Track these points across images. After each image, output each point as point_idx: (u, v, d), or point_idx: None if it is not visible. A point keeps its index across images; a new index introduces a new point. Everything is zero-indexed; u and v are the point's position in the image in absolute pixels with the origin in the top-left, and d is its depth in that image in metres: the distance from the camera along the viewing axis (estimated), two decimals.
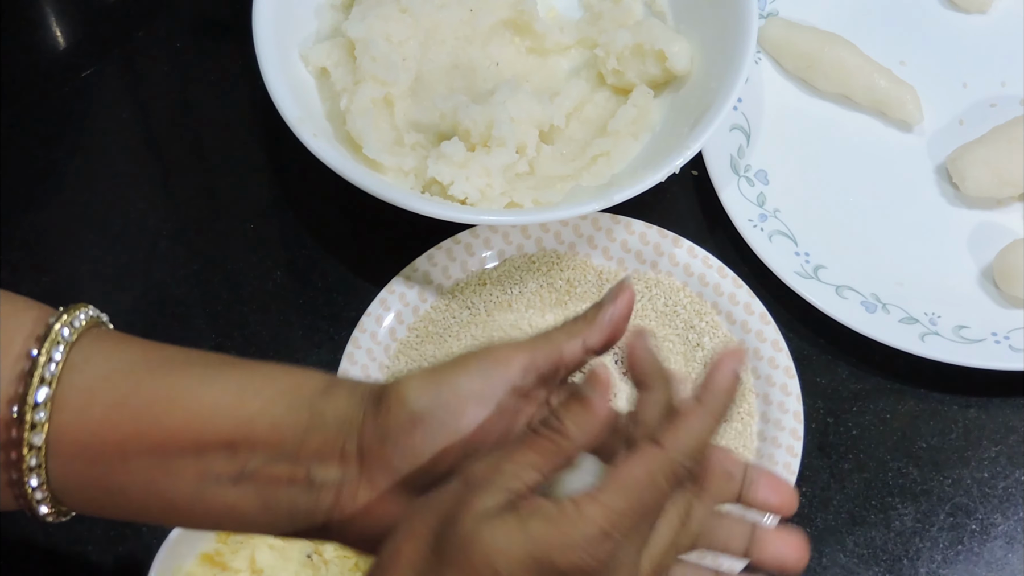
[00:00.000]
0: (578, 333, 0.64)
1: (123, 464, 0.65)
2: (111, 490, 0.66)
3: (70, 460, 0.65)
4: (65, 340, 0.65)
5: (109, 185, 1.05)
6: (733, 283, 0.98)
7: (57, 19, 1.12)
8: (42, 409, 0.64)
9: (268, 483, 0.64)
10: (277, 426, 0.63)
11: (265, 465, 0.64)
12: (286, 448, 0.63)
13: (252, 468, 0.64)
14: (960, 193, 1.03)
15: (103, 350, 0.66)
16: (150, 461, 0.65)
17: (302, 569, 0.87)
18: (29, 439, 0.64)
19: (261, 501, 0.65)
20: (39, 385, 0.64)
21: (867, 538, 0.93)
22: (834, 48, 1.06)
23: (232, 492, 0.64)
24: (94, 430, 0.64)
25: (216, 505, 0.65)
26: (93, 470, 0.65)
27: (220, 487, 0.64)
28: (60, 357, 0.65)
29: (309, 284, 1.01)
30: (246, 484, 0.64)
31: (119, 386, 0.65)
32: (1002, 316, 0.99)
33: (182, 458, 0.64)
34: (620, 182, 0.97)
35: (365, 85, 0.99)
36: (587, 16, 1.07)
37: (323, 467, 0.63)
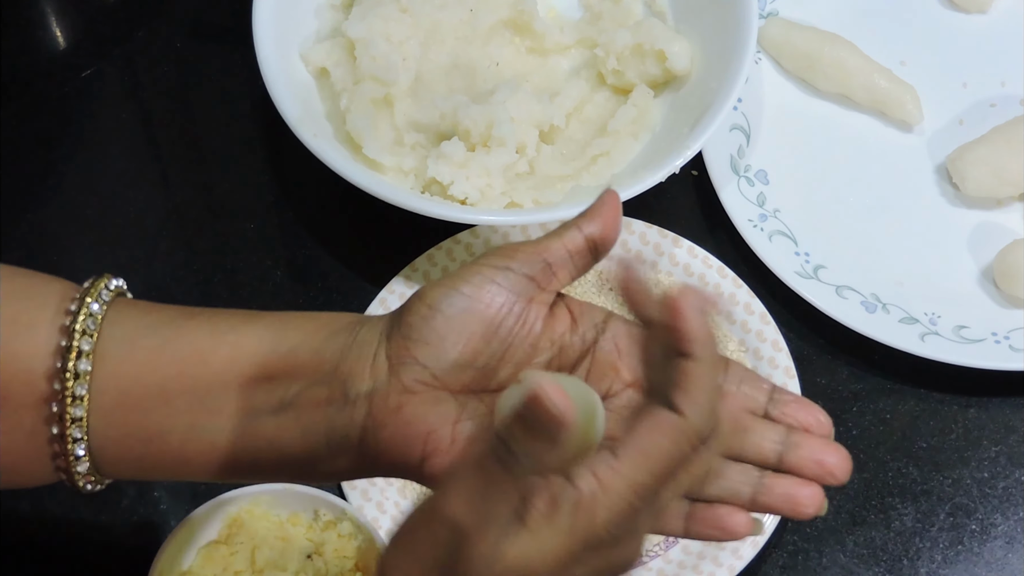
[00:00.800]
0: (574, 224, 0.66)
1: (165, 407, 0.66)
2: (150, 437, 0.66)
3: (110, 411, 0.66)
4: (102, 299, 0.67)
5: (109, 185, 1.05)
6: (733, 283, 0.98)
7: (57, 19, 1.12)
8: (85, 359, 0.65)
9: (306, 408, 0.65)
10: (317, 352, 0.65)
11: (303, 391, 0.65)
12: (324, 371, 0.65)
13: (291, 396, 0.65)
14: (960, 193, 1.03)
15: (138, 307, 0.68)
16: (191, 400, 0.66)
17: (302, 569, 0.87)
18: (73, 389, 0.65)
19: (300, 428, 0.65)
20: (82, 336, 0.65)
21: (867, 538, 0.93)
22: (834, 48, 1.06)
23: (271, 423, 0.66)
24: (136, 375, 0.66)
25: (256, 440, 0.66)
26: (133, 417, 0.66)
27: (260, 419, 0.66)
28: (99, 310, 0.66)
29: (309, 284, 1.01)
30: (286, 413, 0.65)
31: (161, 331, 0.67)
32: (1002, 316, 0.99)
33: (224, 395, 0.66)
34: (620, 182, 0.97)
35: (365, 85, 0.99)
36: (587, 16, 1.07)
37: (356, 381, 0.65)
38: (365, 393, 0.64)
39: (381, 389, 0.64)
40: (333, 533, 0.87)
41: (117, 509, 0.92)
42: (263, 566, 0.86)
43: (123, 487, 0.93)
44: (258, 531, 0.87)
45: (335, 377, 0.65)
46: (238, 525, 0.87)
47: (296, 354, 0.66)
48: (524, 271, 0.65)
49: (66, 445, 0.66)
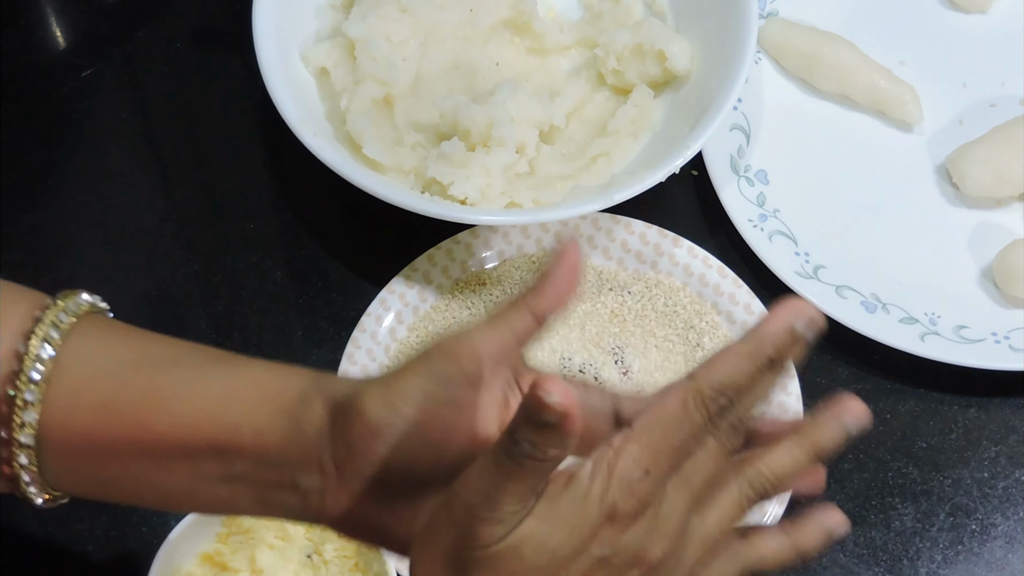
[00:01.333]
0: (526, 306, 0.62)
1: (116, 461, 0.65)
2: (106, 482, 0.67)
3: (62, 456, 0.66)
4: (53, 339, 0.65)
5: (109, 185, 1.05)
6: (733, 283, 0.98)
7: (57, 19, 1.12)
8: (31, 410, 0.64)
9: (257, 485, 0.64)
10: (260, 433, 0.63)
11: (252, 470, 0.64)
12: (270, 456, 0.63)
13: (240, 471, 0.64)
14: (960, 193, 1.03)
15: (90, 348, 0.66)
16: (141, 459, 0.65)
17: (302, 569, 0.87)
18: (18, 438, 0.65)
19: (254, 499, 0.65)
20: (27, 386, 0.64)
21: (867, 538, 0.93)
22: (834, 48, 1.06)
23: (224, 489, 0.65)
24: (83, 431, 0.65)
25: (211, 499, 0.66)
26: (85, 464, 0.66)
27: (213, 484, 0.65)
28: (48, 355, 0.65)
29: (309, 284, 1.01)
30: (237, 484, 0.64)
31: (105, 388, 0.65)
32: (1002, 316, 0.99)
33: (172, 458, 0.65)
34: (620, 182, 0.97)
35: (365, 85, 0.99)
36: (587, 16, 1.07)
37: (305, 475, 0.63)
38: (316, 490, 0.63)
39: (331, 490, 0.63)
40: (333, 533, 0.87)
41: (117, 509, 0.92)
42: (263, 566, 0.86)
43: None
44: (258, 531, 0.87)
45: (283, 464, 0.63)
46: (238, 525, 0.87)
47: (238, 432, 0.64)
48: (469, 377, 0.61)
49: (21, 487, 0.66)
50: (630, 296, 0.99)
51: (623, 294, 0.99)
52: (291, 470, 0.63)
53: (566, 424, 0.55)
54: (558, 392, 0.54)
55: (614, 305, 0.98)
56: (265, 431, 0.63)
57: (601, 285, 0.99)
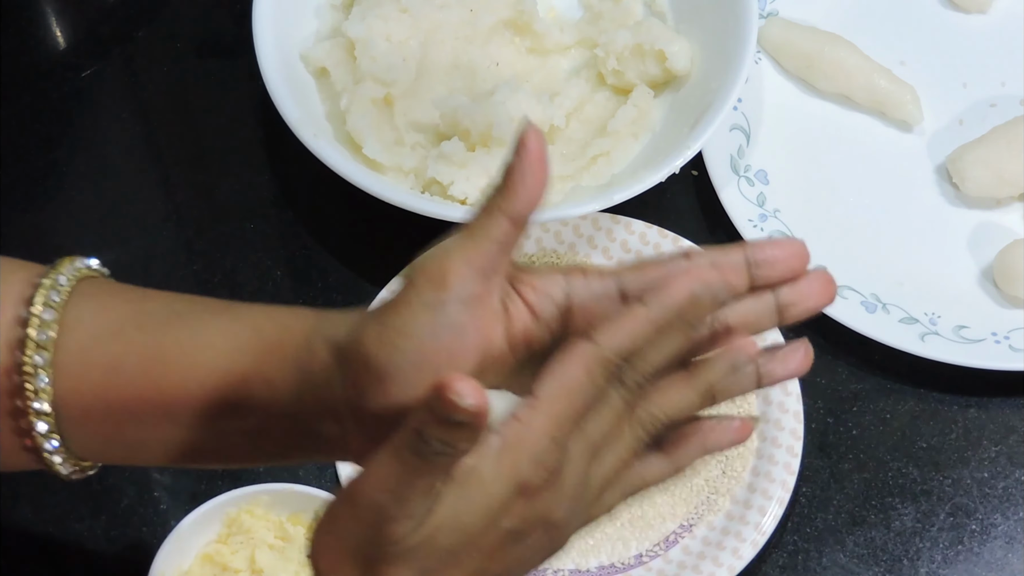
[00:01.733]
0: (499, 210, 0.59)
1: (135, 423, 0.65)
2: (129, 444, 0.66)
3: (81, 422, 0.65)
4: (54, 303, 0.65)
5: (109, 185, 1.05)
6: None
7: (57, 19, 1.12)
8: (42, 374, 0.64)
9: (277, 434, 0.64)
10: (271, 385, 0.62)
11: (270, 423, 0.63)
12: (284, 407, 0.62)
13: (258, 424, 0.63)
14: (960, 193, 1.03)
15: (92, 310, 0.66)
16: (159, 418, 0.64)
17: (302, 569, 0.87)
18: (34, 405, 0.64)
19: (278, 448, 0.64)
20: (35, 351, 0.64)
21: (867, 538, 0.93)
22: (834, 48, 1.06)
23: (247, 443, 0.64)
24: (96, 393, 0.64)
25: (237, 453, 0.65)
26: (106, 428, 0.65)
27: (235, 439, 0.64)
28: (51, 318, 0.64)
29: (309, 284, 1.01)
30: (258, 436, 0.64)
31: (112, 347, 0.65)
32: (1002, 316, 0.99)
33: (189, 415, 0.64)
34: (620, 182, 0.97)
35: (365, 85, 0.99)
36: (587, 16, 1.07)
37: (322, 423, 0.62)
38: (335, 435, 0.62)
39: (350, 432, 0.62)
40: None
41: (117, 509, 0.92)
42: (263, 566, 0.86)
43: (123, 487, 0.93)
44: (258, 531, 0.87)
45: (299, 414, 0.62)
46: (238, 525, 0.87)
47: (248, 385, 0.63)
48: (463, 296, 0.59)
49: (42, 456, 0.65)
50: None
51: None
52: (308, 420, 0.62)
53: (478, 422, 0.53)
54: (470, 393, 0.53)
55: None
56: (275, 381, 0.62)
57: None
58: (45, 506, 0.92)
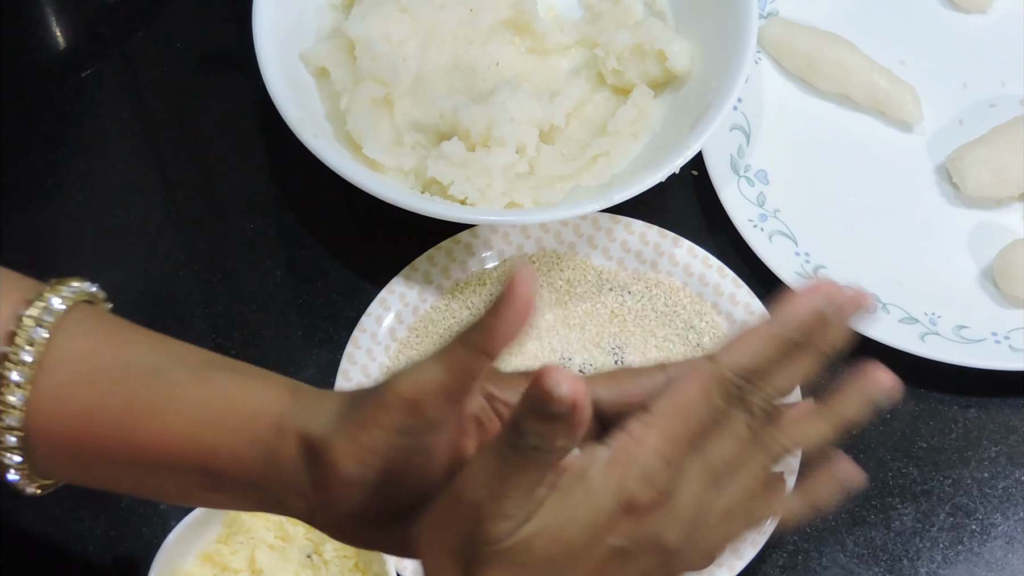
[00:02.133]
0: (476, 346, 0.57)
1: (105, 465, 0.65)
2: (100, 482, 0.67)
3: (51, 457, 0.66)
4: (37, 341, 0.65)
5: (109, 185, 1.05)
6: (733, 283, 0.98)
7: (57, 19, 1.12)
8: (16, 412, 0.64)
9: (246, 500, 0.64)
10: (239, 460, 0.63)
11: (239, 488, 0.64)
12: (251, 479, 0.63)
13: (226, 487, 0.64)
14: (960, 193, 1.03)
15: (73, 353, 0.65)
16: (130, 467, 0.65)
17: (302, 569, 0.87)
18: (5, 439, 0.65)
19: (248, 506, 0.65)
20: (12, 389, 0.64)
21: (867, 538, 0.93)
22: (834, 48, 1.06)
23: (217, 496, 0.65)
24: (68, 436, 0.65)
25: (206, 501, 0.66)
26: (77, 464, 0.66)
27: (204, 492, 0.65)
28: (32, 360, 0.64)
29: (309, 284, 1.01)
30: (227, 494, 0.64)
31: (86, 396, 0.65)
32: (1002, 316, 0.99)
33: (159, 468, 0.64)
34: (620, 182, 0.97)
35: (365, 85, 0.99)
36: (587, 16, 1.07)
37: (290, 498, 0.63)
38: (304, 509, 0.62)
39: (318, 512, 0.62)
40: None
41: (117, 509, 0.92)
42: (263, 566, 0.86)
43: None
44: (258, 531, 0.87)
45: (267, 488, 0.63)
46: (238, 525, 0.87)
47: (216, 455, 0.63)
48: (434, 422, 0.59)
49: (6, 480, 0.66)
50: (630, 296, 0.99)
51: (623, 294, 0.99)
52: (276, 494, 0.63)
53: (576, 414, 0.53)
54: (567, 382, 0.52)
55: (614, 305, 0.98)
56: (243, 458, 0.62)
57: (601, 285, 0.99)
58: (45, 506, 0.92)
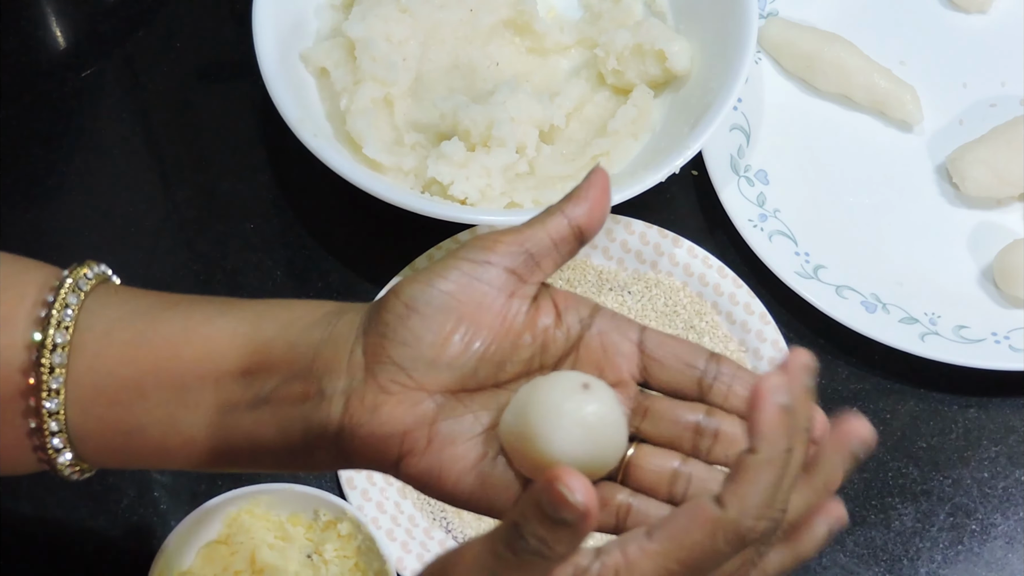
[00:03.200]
0: (559, 209, 0.63)
1: (141, 401, 0.65)
2: (130, 431, 0.66)
3: (88, 405, 0.65)
4: (80, 289, 0.66)
5: (109, 185, 1.05)
6: (733, 283, 0.98)
7: (57, 19, 1.12)
8: (59, 352, 0.65)
9: (283, 403, 0.64)
10: (293, 346, 0.64)
11: (280, 387, 0.64)
12: (300, 366, 0.64)
13: (267, 391, 0.64)
14: (960, 193, 1.03)
15: (118, 295, 0.67)
16: (168, 395, 0.65)
17: (302, 569, 0.87)
18: (48, 383, 0.65)
19: (277, 423, 0.64)
20: (56, 329, 0.65)
21: (867, 538, 0.93)
22: (834, 48, 1.06)
23: (248, 418, 0.65)
24: (111, 369, 0.65)
25: (234, 434, 0.65)
26: (111, 412, 0.66)
27: (237, 414, 0.65)
28: (76, 302, 0.66)
29: (309, 284, 1.01)
30: (262, 408, 0.64)
31: (136, 324, 0.66)
32: (1002, 316, 0.99)
33: (200, 390, 0.65)
34: (620, 182, 0.97)
35: (365, 85, 0.99)
36: (587, 16, 1.07)
37: (332, 378, 0.63)
38: (341, 390, 0.63)
39: (358, 388, 0.63)
40: (333, 533, 0.87)
41: (117, 509, 0.92)
42: (263, 566, 0.86)
43: (123, 487, 0.93)
44: (258, 531, 0.87)
45: (311, 372, 0.63)
46: (238, 525, 0.87)
47: (270, 348, 0.64)
48: (505, 264, 0.62)
49: (44, 438, 0.66)
50: (630, 296, 0.99)
51: (623, 294, 0.99)
52: (318, 377, 0.63)
53: (584, 524, 0.52)
54: (580, 489, 0.51)
55: (614, 305, 0.98)
56: (298, 343, 0.64)
57: (601, 285, 0.99)
58: (45, 506, 0.92)
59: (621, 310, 0.98)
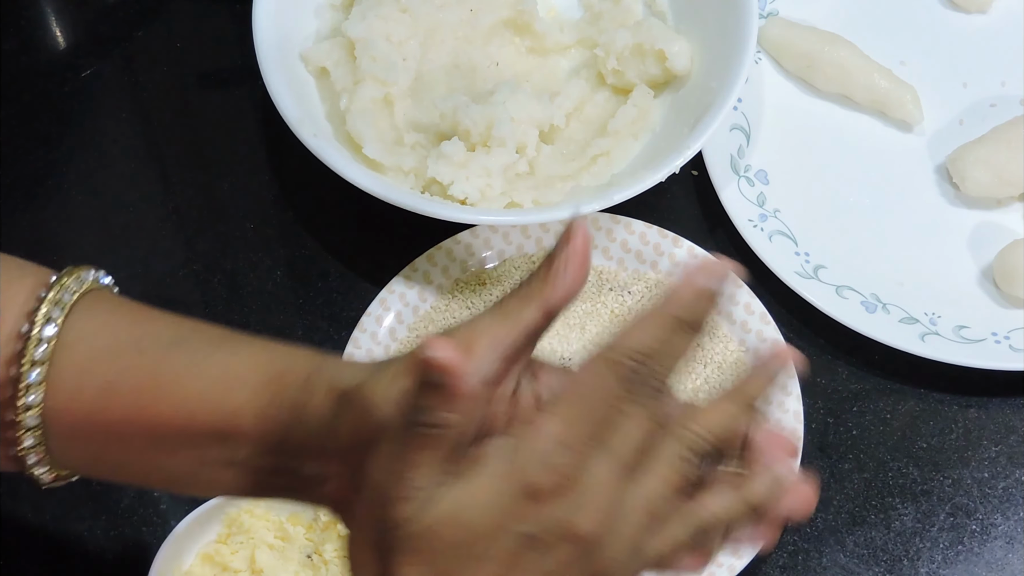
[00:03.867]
0: (536, 297, 0.59)
1: (120, 444, 0.65)
2: (111, 464, 0.67)
3: (68, 439, 0.65)
4: (55, 319, 0.65)
5: (109, 185, 1.05)
6: (733, 283, 0.98)
7: (57, 19, 1.12)
8: (35, 391, 0.64)
9: (259, 471, 0.64)
10: (261, 419, 0.63)
11: (254, 456, 0.64)
12: (271, 441, 0.63)
13: (242, 457, 0.64)
14: (960, 193, 1.03)
15: (92, 327, 0.66)
16: (145, 442, 0.65)
17: (302, 569, 0.87)
18: (24, 420, 0.64)
19: (256, 484, 0.65)
20: (31, 367, 0.64)
21: (867, 538, 0.93)
22: (834, 48, 1.06)
23: (227, 474, 0.65)
24: (86, 413, 0.65)
25: (214, 483, 0.66)
26: (91, 447, 0.66)
27: (216, 468, 0.65)
28: (51, 334, 0.65)
29: (309, 284, 1.01)
30: (239, 468, 0.64)
31: (107, 370, 0.65)
32: (1002, 316, 0.99)
33: (176, 442, 0.64)
34: (620, 182, 0.97)
35: (365, 85, 0.99)
36: (587, 16, 1.07)
37: (307, 463, 0.63)
38: (317, 476, 0.62)
39: (335, 476, 0.62)
40: (333, 533, 0.87)
41: (117, 509, 0.92)
42: (263, 566, 0.86)
43: (123, 487, 0.93)
44: (258, 531, 0.87)
45: (283, 451, 0.63)
46: (238, 525, 0.87)
47: (239, 417, 0.63)
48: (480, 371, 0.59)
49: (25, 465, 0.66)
50: (630, 296, 0.99)
51: (623, 294, 0.99)
52: (292, 457, 0.63)
53: (451, 382, 0.54)
54: (441, 347, 0.54)
55: (614, 305, 0.98)
56: (267, 417, 0.63)
57: (601, 285, 0.99)
58: (45, 506, 0.92)
59: (621, 310, 0.98)
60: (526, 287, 0.60)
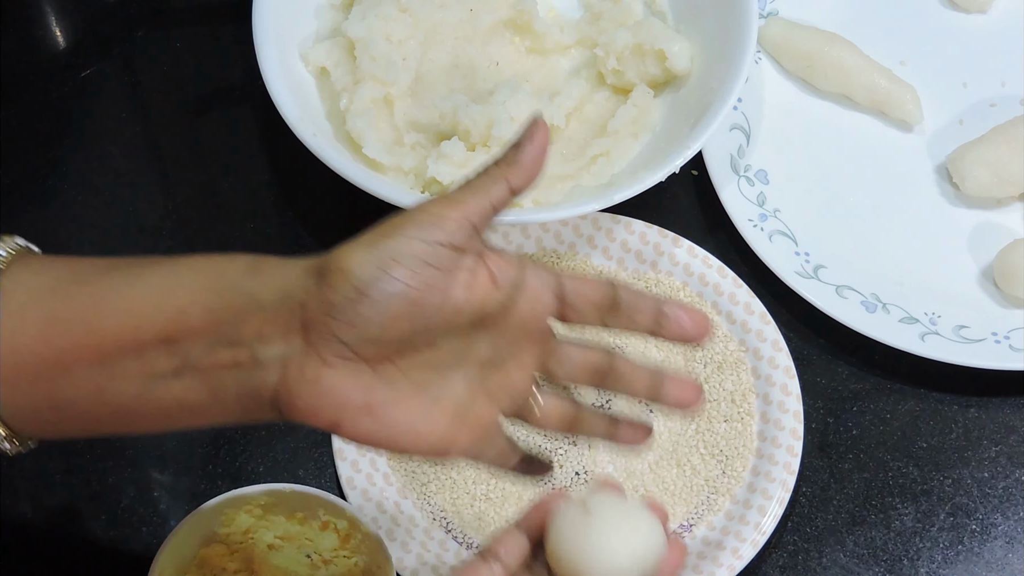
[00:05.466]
0: (502, 177, 0.66)
1: (66, 377, 0.65)
2: (60, 405, 0.67)
3: (13, 383, 0.66)
4: None
5: (109, 185, 1.05)
6: (733, 283, 0.98)
7: (57, 19, 1.12)
8: None
9: (212, 370, 0.64)
10: (210, 311, 0.64)
11: (206, 353, 0.64)
12: (225, 333, 0.64)
13: (193, 358, 0.64)
14: (960, 193, 1.03)
15: (30, 273, 0.67)
16: (91, 369, 0.65)
17: (302, 569, 0.87)
18: None
19: (208, 389, 0.65)
20: None
21: (867, 538, 0.93)
22: (834, 48, 1.06)
23: (177, 385, 0.65)
24: (31, 348, 0.65)
25: (164, 401, 0.65)
26: (38, 388, 0.66)
27: (165, 382, 0.65)
28: None
29: None
30: (190, 375, 0.64)
31: (49, 302, 0.66)
32: (1002, 316, 0.99)
33: (122, 360, 0.65)
34: (620, 182, 0.97)
35: (365, 85, 0.99)
36: (587, 16, 1.07)
37: (266, 345, 0.63)
38: (277, 358, 0.64)
39: (296, 356, 0.63)
40: (333, 533, 0.87)
41: (117, 509, 0.92)
42: (262, 566, 0.86)
43: (123, 487, 0.93)
44: (258, 531, 0.87)
45: (240, 340, 0.64)
46: (238, 525, 0.87)
47: (186, 315, 0.64)
48: (453, 241, 0.64)
49: None
50: None
51: None
52: (249, 344, 0.64)
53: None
54: None
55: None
56: (214, 308, 0.64)
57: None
58: (45, 506, 0.92)
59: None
60: (494, 169, 0.66)
